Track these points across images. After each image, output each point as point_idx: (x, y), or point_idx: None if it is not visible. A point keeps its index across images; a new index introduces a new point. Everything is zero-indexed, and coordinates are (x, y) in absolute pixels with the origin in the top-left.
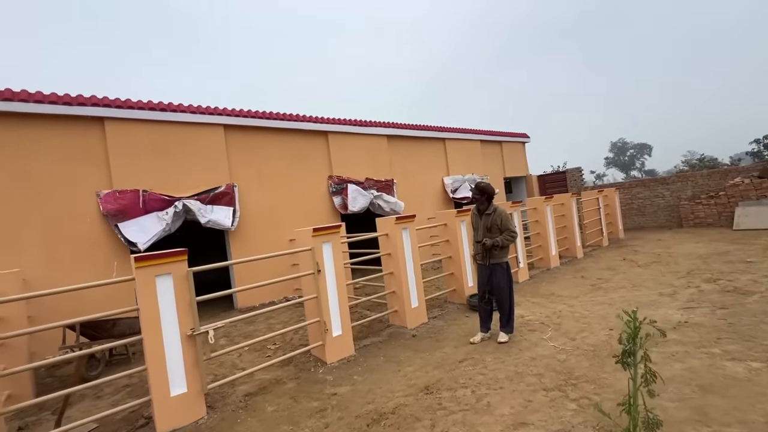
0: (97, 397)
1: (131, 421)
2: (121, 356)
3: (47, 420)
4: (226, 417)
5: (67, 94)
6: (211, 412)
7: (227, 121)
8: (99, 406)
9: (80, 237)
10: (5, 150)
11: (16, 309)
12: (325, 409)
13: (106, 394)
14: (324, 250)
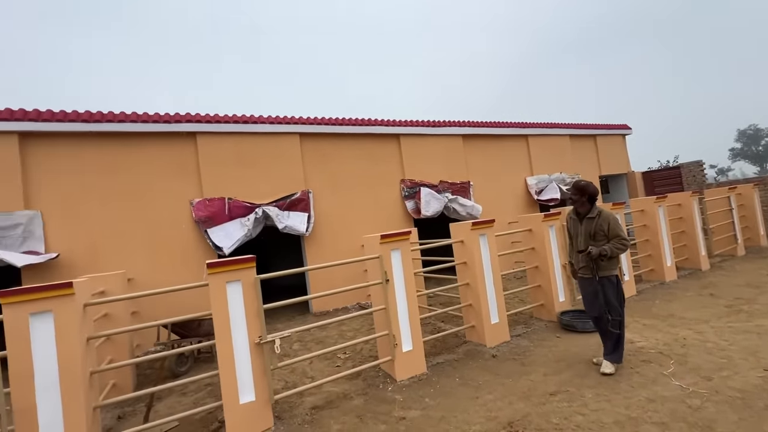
0: (182, 394)
1: (207, 423)
2: (206, 354)
3: (141, 412)
4: (292, 431)
5: (167, 113)
6: (278, 423)
7: (302, 129)
8: (183, 403)
9: (176, 242)
10: (116, 165)
11: (122, 306)
12: None
13: (191, 391)
14: (393, 257)
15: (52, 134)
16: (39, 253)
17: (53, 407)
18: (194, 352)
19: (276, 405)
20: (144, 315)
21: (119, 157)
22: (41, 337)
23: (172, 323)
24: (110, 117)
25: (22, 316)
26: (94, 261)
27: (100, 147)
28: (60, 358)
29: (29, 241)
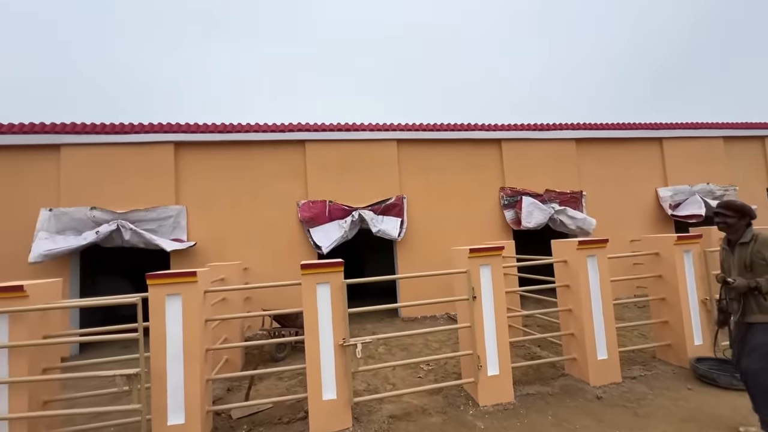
0: (278, 378)
1: (295, 411)
2: (302, 345)
3: (245, 387)
4: None
5: (282, 124)
6: (356, 425)
7: (400, 135)
8: (278, 387)
9: (284, 239)
10: (240, 168)
11: (237, 292)
12: None
13: (286, 377)
14: (482, 273)
15: (195, 143)
16: (182, 240)
17: (178, 375)
18: (292, 341)
19: (355, 407)
20: (254, 301)
21: (243, 162)
22: (172, 314)
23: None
24: (238, 128)
25: (160, 296)
26: (221, 250)
27: (228, 153)
28: (184, 334)
29: (176, 231)
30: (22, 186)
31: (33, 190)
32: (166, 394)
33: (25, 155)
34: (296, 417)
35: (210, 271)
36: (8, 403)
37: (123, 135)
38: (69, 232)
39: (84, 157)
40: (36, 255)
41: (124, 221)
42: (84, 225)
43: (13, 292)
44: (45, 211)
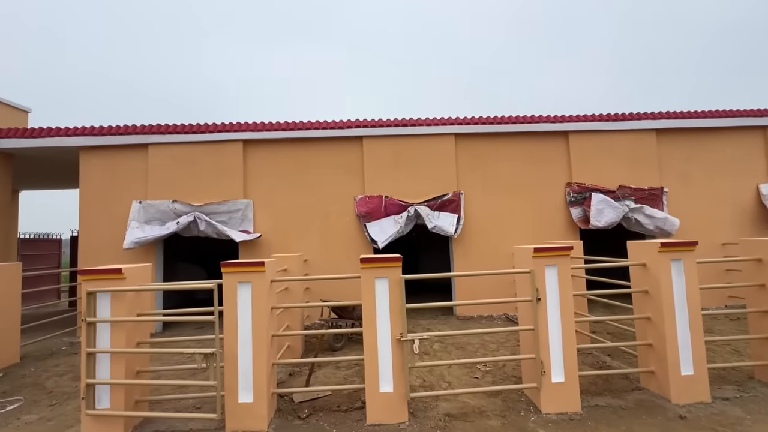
0: (336, 367)
1: (353, 400)
2: (359, 336)
3: (306, 373)
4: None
5: (341, 120)
6: (412, 419)
7: (458, 130)
8: (336, 376)
9: (342, 232)
10: (301, 165)
11: (298, 283)
12: None
13: (343, 367)
14: (547, 274)
15: (261, 141)
16: (250, 232)
17: (247, 357)
18: (349, 333)
19: (411, 402)
20: (314, 291)
21: (304, 158)
22: (243, 300)
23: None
24: (300, 125)
25: (233, 283)
26: (283, 242)
27: (291, 150)
28: (253, 319)
29: (244, 223)
30: (117, 181)
31: (126, 185)
32: (237, 374)
33: (120, 154)
34: (353, 406)
35: (275, 262)
36: (110, 370)
37: (199, 134)
38: (155, 222)
39: (167, 155)
40: (129, 242)
41: (200, 213)
42: (167, 216)
43: (114, 274)
44: (136, 203)
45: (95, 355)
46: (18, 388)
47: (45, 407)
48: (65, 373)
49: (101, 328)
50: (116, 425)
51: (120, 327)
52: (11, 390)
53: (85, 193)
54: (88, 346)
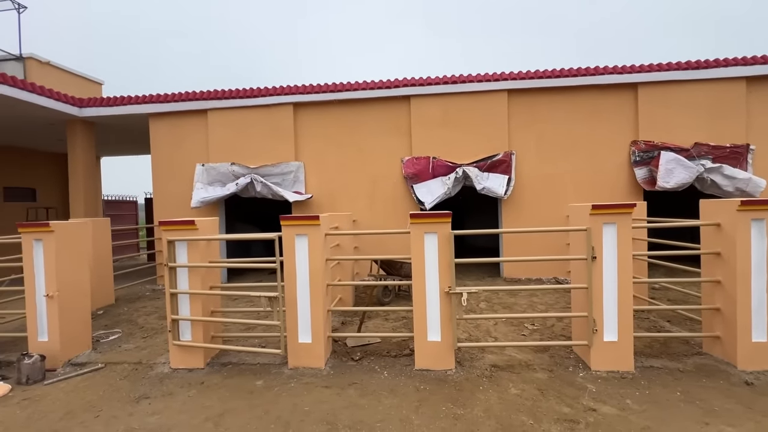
0: (384, 319)
1: (401, 348)
2: (405, 292)
3: (356, 323)
4: (470, 379)
5: (388, 80)
6: (459, 368)
7: (511, 85)
8: (384, 326)
9: (388, 193)
10: (349, 126)
11: (348, 240)
12: (577, 422)
13: (391, 319)
14: (605, 233)
15: (311, 103)
16: (301, 193)
17: (305, 302)
18: (396, 288)
19: (458, 352)
20: (362, 250)
21: (352, 119)
22: (301, 251)
23: (381, 260)
24: (347, 86)
25: (291, 235)
26: (332, 202)
27: (339, 112)
28: (310, 269)
29: (296, 184)
30: (182, 145)
31: (190, 148)
32: (297, 318)
33: (183, 120)
34: (402, 353)
35: (329, 217)
36: (189, 309)
37: (252, 99)
38: (216, 184)
39: (224, 119)
40: (196, 201)
41: (255, 175)
42: (227, 178)
43: (189, 226)
44: (199, 165)
45: (177, 296)
46: (116, 323)
47: (139, 339)
48: (151, 313)
49: (180, 272)
50: (197, 355)
51: (195, 272)
52: (111, 324)
53: (156, 157)
54: (170, 288)
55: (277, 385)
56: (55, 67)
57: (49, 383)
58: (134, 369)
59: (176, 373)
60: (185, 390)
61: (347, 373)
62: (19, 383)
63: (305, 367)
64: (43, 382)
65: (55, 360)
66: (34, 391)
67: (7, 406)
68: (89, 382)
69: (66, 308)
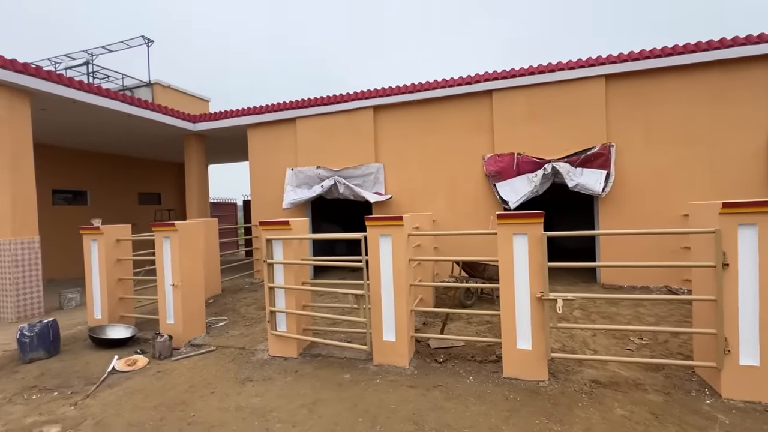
0: (467, 322)
1: (487, 353)
2: (488, 296)
3: (437, 324)
4: (567, 393)
5: (468, 76)
6: (553, 380)
7: (610, 70)
8: (468, 330)
9: (468, 193)
10: (427, 126)
11: (428, 240)
12: None
13: (474, 323)
14: (741, 236)
15: (390, 105)
16: (381, 194)
17: (389, 301)
18: (478, 290)
19: (551, 362)
20: (442, 251)
21: (430, 119)
22: (385, 251)
23: (464, 262)
24: (426, 86)
25: (375, 235)
26: (411, 203)
27: (418, 112)
28: (394, 268)
29: (376, 185)
30: (274, 151)
31: (281, 154)
32: (381, 316)
33: (276, 128)
34: (488, 359)
35: (411, 217)
36: (285, 302)
37: (335, 105)
38: (304, 186)
39: (311, 126)
40: (287, 203)
41: (339, 177)
42: (312, 180)
43: (284, 226)
44: (289, 170)
45: (274, 289)
46: (223, 311)
47: (242, 326)
48: (251, 304)
49: (277, 268)
50: (291, 345)
51: (289, 268)
52: (219, 312)
53: (253, 163)
54: (269, 282)
55: (363, 380)
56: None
57: (175, 359)
58: (239, 353)
59: (274, 360)
60: (282, 377)
61: (431, 375)
62: (154, 357)
63: (389, 365)
64: (171, 358)
65: (178, 340)
66: (165, 366)
67: (146, 376)
68: (205, 361)
69: (187, 296)
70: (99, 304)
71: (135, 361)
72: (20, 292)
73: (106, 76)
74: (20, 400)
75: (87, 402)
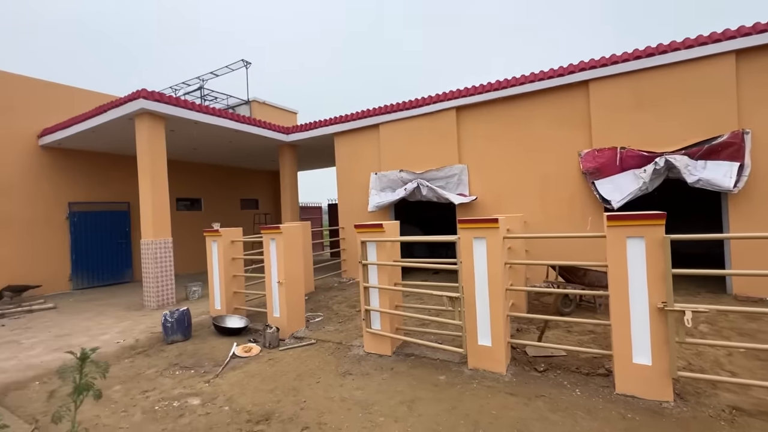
0: (567, 331)
1: (593, 366)
2: (588, 303)
3: (532, 331)
4: (700, 419)
5: (560, 67)
6: (680, 402)
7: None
8: (568, 339)
9: (562, 192)
10: (514, 124)
11: (519, 243)
12: None
13: (574, 332)
14: None
15: (473, 105)
16: (465, 195)
17: (484, 306)
18: (577, 297)
19: (676, 383)
20: (532, 254)
21: (516, 116)
22: (479, 254)
23: (561, 266)
24: (512, 82)
25: (469, 238)
26: (497, 204)
27: (502, 110)
28: (489, 272)
29: (460, 186)
30: (358, 157)
31: (365, 159)
32: (476, 320)
33: (360, 135)
34: (595, 372)
35: (506, 220)
36: (378, 301)
37: (417, 108)
38: (387, 190)
39: (393, 130)
40: (372, 206)
41: (422, 179)
42: (395, 184)
43: (377, 228)
44: (373, 174)
45: (368, 289)
46: (318, 308)
47: (336, 323)
48: (342, 302)
49: (371, 269)
50: (385, 343)
51: (383, 269)
52: (314, 308)
53: (340, 169)
54: (363, 282)
55: (459, 383)
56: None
57: (282, 349)
58: (337, 348)
59: (369, 356)
60: (379, 373)
61: (531, 384)
62: (264, 346)
63: (485, 370)
64: (278, 348)
65: (283, 332)
66: (274, 354)
67: (260, 362)
68: (307, 353)
69: (290, 292)
70: (219, 297)
71: (250, 349)
72: (159, 284)
73: (214, 97)
74: (168, 374)
75: (217, 381)
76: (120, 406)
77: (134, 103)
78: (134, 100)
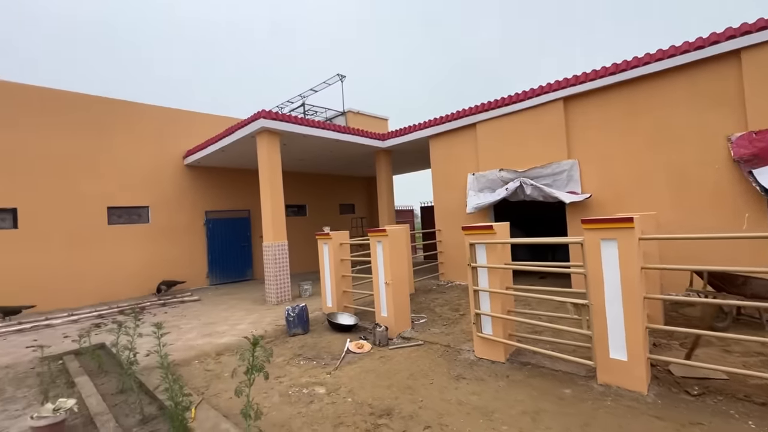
0: (724, 350)
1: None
2: (751, 318)
3: (674, 348)
4: None
5: (698, 38)
6: None
7: None
8: (727, 360)
9: (706, 184)
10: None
11: (653, 246)
12: None
13: (735, 352)
14: None
15: (583, 94)
16: (577, 193)
17: (617, 315)
18: (733, 311)
19: None
20: (666, 258)
21: (639, 101)
22: (608, 258)
23: (711, 273)
24: (634, 63)
25: (595, 240)
26: (617, 201)
27: (621, 96)
28: (622, 278)
29: (570, 183)
30: (454, 158)
31: (461, 160)
32: (606, 330)
33: (455, 136)
34: None
35: (641, 219)
36: (490, 305)
37: (518, 103)
38: (486, 190)
39: (492, 128)
40: (471, 208)
41: (525, 178)
42: (495, 184)
43: (488, 230)
44: (470, 175)
45: (478, 292)
46: (420, 309)
47: (441, 325)
48: (443, 304)
49: (480, 272)
50: (497, 349)
51: (494, 272)
52: (417, 310)
53: (435, 171)
54: (473, 285)
55: (589, 398)
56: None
57: (392, 348)
58: (446, 350)
59: (481, 361)
60: (494, 380)
61: (683, 408)
62: (374, 344)
63: (620, 387)
64: (388, 347)
65: (391, 331)
66: (385, 352)
67: (372, 359)
68: (416, 354)
69: (396, 293)
70: (330, 295)
71: (362, 345)
72: (278, 282)
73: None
74: (294, 363)
75: (337, 373)
76: (261, 388)
77: (256, 123)
78: (256, 120)
